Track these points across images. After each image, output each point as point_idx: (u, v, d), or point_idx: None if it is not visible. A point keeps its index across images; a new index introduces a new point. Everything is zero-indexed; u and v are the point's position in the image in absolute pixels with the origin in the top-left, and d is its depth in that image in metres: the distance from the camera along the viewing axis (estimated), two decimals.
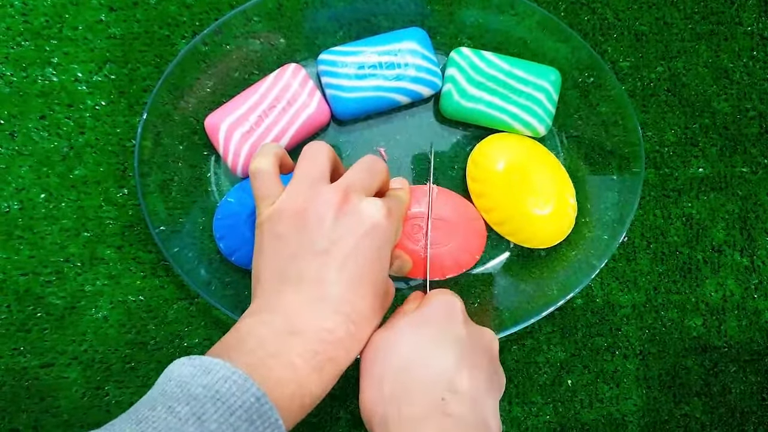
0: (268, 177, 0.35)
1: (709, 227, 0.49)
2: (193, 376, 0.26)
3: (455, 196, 0.45)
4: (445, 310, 0.34)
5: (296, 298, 0.31)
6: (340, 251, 0.31)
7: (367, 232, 0.32)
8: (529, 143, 0.46)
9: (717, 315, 0.49)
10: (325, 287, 0.31)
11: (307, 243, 0.32)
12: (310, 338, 0.30)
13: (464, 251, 0.45)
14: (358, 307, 0.32)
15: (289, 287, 0.31)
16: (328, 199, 0.32)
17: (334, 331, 0.31)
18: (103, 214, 0.46)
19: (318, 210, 0.32)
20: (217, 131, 0.43)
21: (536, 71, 0.46)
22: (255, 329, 0.30)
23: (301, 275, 0.31)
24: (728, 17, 0.51)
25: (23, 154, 0.45)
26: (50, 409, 0.44)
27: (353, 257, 0.32)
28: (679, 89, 0.50)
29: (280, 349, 0.29)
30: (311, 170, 0.34)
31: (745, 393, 0.48)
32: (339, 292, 0.31)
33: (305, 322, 0.30)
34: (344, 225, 0.32)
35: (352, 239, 0.32)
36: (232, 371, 0.26)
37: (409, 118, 0.48)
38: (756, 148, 0.50)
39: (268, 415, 0.26)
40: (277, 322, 0.30)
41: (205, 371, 0.26)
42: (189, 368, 0.27)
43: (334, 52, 0.45)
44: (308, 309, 0.31)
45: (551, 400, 0.47)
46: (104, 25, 0.47)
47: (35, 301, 0.44)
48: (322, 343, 0.30)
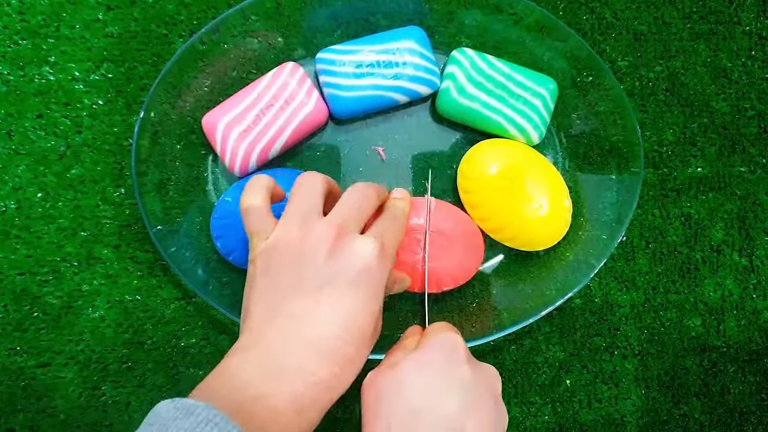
0: (259, 213, 0.35)
1: (708, 227, 0.49)
2: (175, 419, 0.26)
3: (454, 210, 0.45)
4: (449, 350, 0.33)
5: (282, 336, 0.31)
6: (331, 291, 0.31)
7: (358, 273, 0.32)
8: (520, 147, 0.46)
9: (716, 315, 0.48)
10: (312, 327, 0.31)
11: (298, 280, 0.32)
12: (294, 380, 0.30)
13: (461, 267, 0.44)
14: (345, 349, 0.31)
15: (277, 324, 0.31)
16: (321, 235, 0.32)
17: (318, 373, 0.30)
18: (100, 213, 0.45)
19: (311, 247, 0.32)
20: (214, 130, 0.43)
21: (535, 78, 0.46)
22: (240, 368, 0.30)
23: (290, 313, 0.31)
24: (727, 17, 0.51)
25: (20, 153, 0.45)
26: (47, 409, 0.43)
27: (345, 298, 0.31)
28: (677, 89, 0.50)
29: (263, 391, 0.29)
30: (304, 204, 0.34)
31: (744, 393, 0.48)
32: (327, 333, 0.31)
33: (290, 363, 0.30)
34: (337, 264, 0.32)
35: (343, 279, 0.32)
36: (214, 414, 0.26)
37: (407, 117, 0.48)
38: (755, 148, 0.50)
39: None
40: (262, 360, 0.30)
41: (187, 413, 0.26)
42: (172, 411, 0.26)
43: (332, 51, 0.45)
44: (294, 349, 0.30)
45: (550, 401, 0.46)
46: (101, 23, 0.47)
47: (32, 301, 0.44)
48: (305, 386, 0.30)
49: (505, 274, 0.47)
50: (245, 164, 0.43)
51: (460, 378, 0.32)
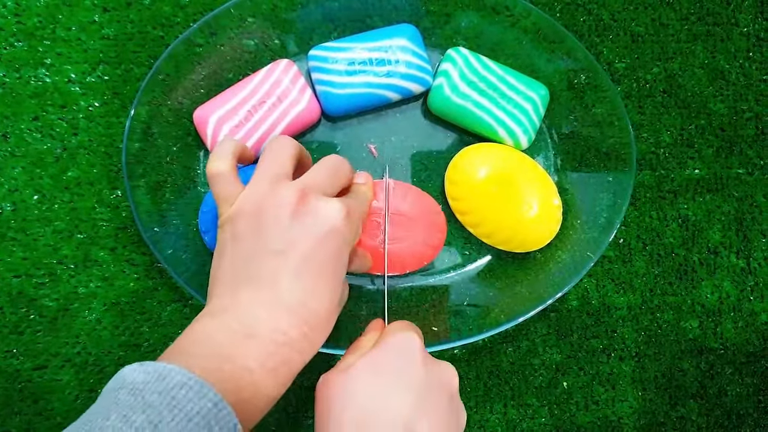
0: (226, 179, 0.34)
1: (705, 229, 0.49)
2: (147, 383, 0.26)
3: (414, 190, 0.45)
4: (403, 351, 0.33)
5: (251, 299, 0.31)
6: (296, 253, 0.31)
7: (325, 234, 0.32)
8: (504, 151, 0.46)
9: (713, 317, 0.48)
10: (280, 289, 0.31)
11: (263, 243, 0.31)
12: (265, 340, 0.30)
13: (424, 245, 0.44)
14: (314, 310, 0.31)
15: (245, 288, 0.31)
16: (285, 198, 0.32)
17: (288, 333, 0.30)
18: (96, 215, 0.45)
19: (275, 210, 0.32)
20: (205, 124, 0.43)
21: (528, 83, 0.46)
22: (210, 332, 0.30)
23: (257, 276, 0.31)
24: (724, 18, 0.51)
25: (16, 156, 0.45)
26: (43, 412, 0.43)
27: (310, 259, 0.31)
28: (675, 90, 0.50)
29: (235, 352, 0.29)
30: (271, 168, 0.34)
31: (741, 395, 0.48)
32: (294, 294, 0.31)
33: (260, 324, 0.30)
34: (301, 226, 0.32)
35: (308, 241, 0.31)
36: (188, 377, 0.26)
37: (400, 115, 0.48)
38: (752, 150, 0.50)
39: (227, 420, 0.26)
40: (232, 324, 0.30)
41: (160, 377, 0.26)
42: (142, 375, 0.26)
43: (324, 48, 0.45)
44: (263, 310, 0.30)
45: (547, 403, 0.46)
46: (98, 25, 0.47)
47: (28, 303, 0.44)
48: (276, 345, 0.30)
49: (500, 275, 0.47)
50: None
51: (414, 379, 0.32)
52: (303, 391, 0.45)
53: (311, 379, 0.45)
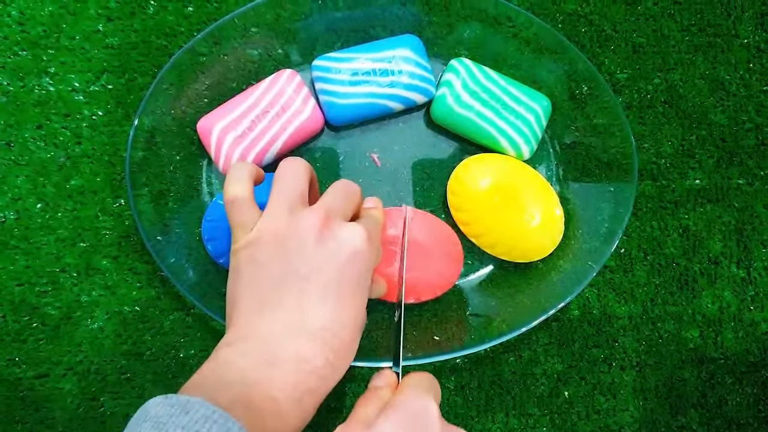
0: (244, 204, 0.34)
1: (706, 239, 0.49)
2: (171, 416, 0.25)
3: (432, 219, 0.45)
4: (421, 421, 0.31)
5: (275, 325, 0.31)
6: (320, 278, 0.31)
7: (348, 259, 0.32)
8: (506, 161, 0.46)
9: (714, 327, 0.49)
10: (304, 315, 0.31)
11: (287, 269, 0.31)
12: (289, 369, 0.29)
13: (439, 276, 0.44)
14: (337, 335, 0.31)
15: (268, 314, 0.31)
16: (309, 224, 0.32)
17: (312, 361, 0.30)
18: (99, 224, 0.45)
19: (299, 235, 0.32)
20: (209, 134, 0.43)
21: (530, 94, 0.46)
22: (233, 361, 0.29)
23: (281, 302, 0.31)
24: (725, 29, 0.51)
25: (20, 164, 0.45)
26: (45, 420, 0.43)
27: (334, 284, 0.31)
28: (676, 101, 0.51)
29: (259, 382, 0.29)
30: (289, 193, 0.34)
31: (742, 405, 0.48)
32: (318, 320, 0.31)
33: (283, 352, 0.30)
34: (325, 251, 0.32)
35: (333, 266, 0.31)
36: (212, 410, 0.25)
37: (402, 125, 0.48)
38: (752, 160, 0.50)
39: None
40: (256, 351, 0.30)
41: (183, 411, 0.25)
42: (166, 408, 0.26)
43: (328, 59, 0.45)
44: (287, 337, 0.30)
45: (548, 412, 0.47)
46: (101, 35, 0.47)
47: (31, 311, 0.44)
48: (301, 374, 0.30)
49: (502, 285, 0.47)
50: None
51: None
52: None
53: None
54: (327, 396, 0.32)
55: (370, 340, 0.44)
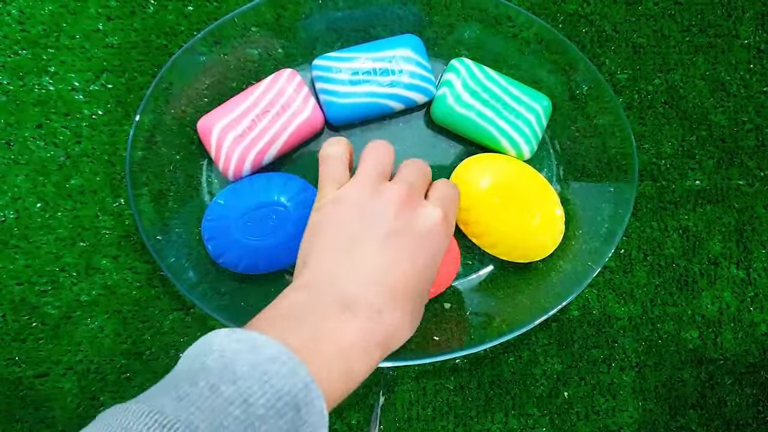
0: (338, 162, 0.36)
1: (706, 240, 0.49)
2: (239, 352, 0.24)
3: None
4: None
5: (350, 273, 0.31)
6: (400, 242, 0.32)
7: (425, 235, 0.33)
8: (506, 161, 0.46)
9: (713, 327, 0.49)
10: (379, 269, 0.31)
11: (367, 229, 0.32)
12: (362, 317, 0.29)
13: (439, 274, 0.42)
14: (409, 295, 0.32)
15: (344, 263, 0.31)
16: (393, 194, 0.33)
17: (383, 312, 0.30)
18: (99, 223, 0.45)
19: (382, 203, 0.33)
20: (209, 134, 0.43)
21: (531, 94, 0.46)
22: (304, 302, 0.29)
23: (357, 254, 0.31)
24: (725, 30, 0.51)
25: (19, 163, 0.45)
26: (45, 420, 0.43)
27: (411, 248, 0.32)
28: (676, 101, 0.51)
29: (331, 327, 0.28)
30: (377, 166, 0.36)
31: (741, 405, 0.48)
32: (393, 275, 0.31)
33: (357, 299, 0.30)
34: (406, 220, 0.33)
35: (412, 234, 0.32)
36: (282, 351, 0.25)
37: (403, 124, 0.48)
38: (753, 161, 0.50)
39: (315, 404, 0.25)
40: (328, 295, 0.29)
41: (252, 347, 0.25)
42: (233, 343, 0.25)
43: (328, 58, 0.45)
44: (361, 286, 0.30)
45: (548, 412, 0.47)
46: (102, 34, 0.47)
47: (30, 311, 0.44)
48: (372, 322, 0.29)
49: (503, 285, 0.47)
50: (239, 169, 0.44)
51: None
52: None
53: None
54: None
55: None
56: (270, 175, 0.45)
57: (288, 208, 0.43)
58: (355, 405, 0.45)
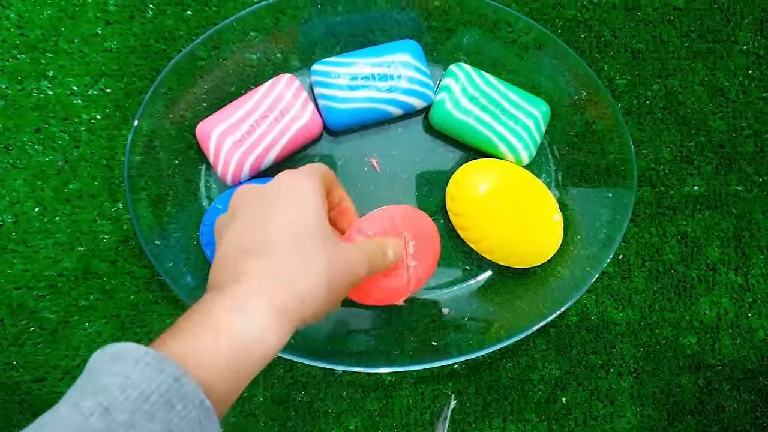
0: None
1: (704, 245, 0.49)
2: (102, 364, 0.24)
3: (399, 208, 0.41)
4: None
5: (242, 274, 0.29)
6: (255, 212, 0.31)
7: (287, 194, 0.32)
8: (505, 166, 0.46)
9: (711, 333, 0.49)
10: (271, 265, 0.30)
11: (251, 235, 0.31)
12: (252, 312, 0.28)
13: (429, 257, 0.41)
14: (299, 286, 0.30)
15: (241, 263, 0.30)
16: (270, 184, 0.33)
17: (280, 306, 0.29)
18: (97, 228, 0.45)
19: (250, 190, 0.33)
20: (208, 138, 0.43)
21: (529, 100, 0.46)
22: (200, 308, 0.28)
23: (229, 237, 0.31)
24: (724, 36, 0.51)
25: (18, 168, 0.45)
26: None
27: (291, 236, 0.31)
28: (675, 107, 0.51)
29: (222, 323, 0.27)
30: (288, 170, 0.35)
31: (739, 411, 0.48)
32: (263, 236, 0.30)
33: (249, 297, 0.28)
34: (267, 194, 0.32)
35: (284, 216, 0.31)
36: (145, 352, 0.24)
37: (401, 129, 0.48)
38: (751, 167, 0.50)
39: (191, 396, 0.24)
40: (219, 298, 0.28)
41: (116, 357, 0.24)
42: (100, 355, 0.24)
43: (327, 63, 0.45)
44: (252, 284, 0.29)
45: (546, 418, 0.47)
46: (100, 38, 0.47)
47: (28, 315, 0.44)
48: (267, 313, 0.28)
49: (501, 290, 0.47)
50: (237, 174, 0.44)
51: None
52: (303, 406, 0.45)
53: (309, 393, 0.45)
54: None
55: (367, 345, 0.44)
56: (266, 180, 0.45)
57: None
58: (352, 410, 0.45)
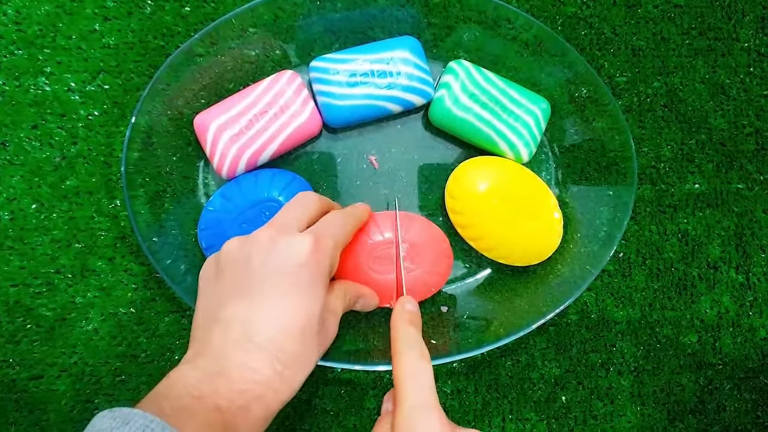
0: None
1: (705, 243, 0.49)
2: (112, 429, 0.26)
3: (419, 219, 0.44)
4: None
5: (224, 339, 0.31)
6: (265, 291, 0.32)
7: (291, 272, 0.32)
8: (504, 164, 0.46)
9: (712, 332, 0.48)
10: (250, 328, 0.31)
11: (237, 285, 0.32)
12: (235, 378, 0.30)
13: (433, 273, 0.43)
14: (286, 347, 0.31)
15: (216, 330, 0.31)
16: (256, 241, 0.33)
17: (260, 370, 0.30)
18: (94, 225, 0.45)
19: (247, 252, 0.33)
20: (205, 130, 0.43)
21: (529, 97, 0.46)
22: (183, 375, 0.30)
23: (229, 316, 0.32)
24: (725, 33, 0.51)
25: (15, 164, 0.45)
26: (39, 422, 0.43)
27: (278, 297, 0.32)
28: (675, 105, 0.50)
29: (205, 391, 0.29)
30: (283, 217, 0.36)
31: (740, 411, 0.48)
32: (264, 333, 0.31)
33: (231, 362, 0.30)
34: (270, 264, 0.32)
35: (275, 280, 0.32)
36: (150, 420, 0.26)
37: (401, 126, 0.48)
38: (752, 165, 0.50)
39: None
40: (206, 364, 0.30)
41: (124, 422, 0.26)
42: (108, 421, 0.26)
43: (326, 60, 0.45)
44: (234, 349, 0.30)
45: (545, 417, 0.46)
46: (98, 34, 0.47)
47: (25, 313, 0.44)
48: (247, 383, 0.30)
49: (500, 289, 0.47)
50: (233, 168, 0.43)
51: None
52: (301, 404, 0.45)
53: (308, 391, 0.45)
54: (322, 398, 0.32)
55: (366, 343, 0.44)
56: (256, 173, 0.44)
57: (281, 202, 0.43)
58: (351, 408, 0.45)
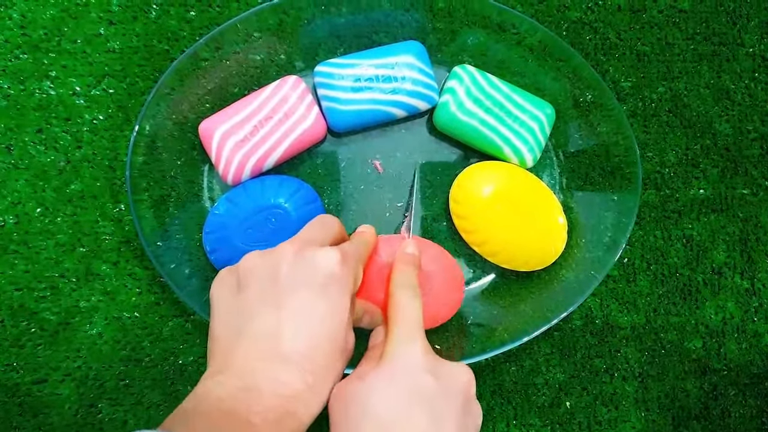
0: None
1: (710, 249, 0.49)
2: None
3: (431, 245, 0.44)
4: (410, 362, 0.32)
5: (252, 354, 0.31)
6: (294, 303, 0.31)
7: (321, 284, 0.32)
8: (509, 169, 0.46)
9: (717, 337, 0.48)
10: (280, 342, 0.31)
11: (262, 298, 0.32)
12: (266, 393, 0.29)
13: (442, 304, 0.43)
14: (316, 360, 0.31)
15: (244, 343, 0.31)
16: (282, 253, 0.33)
17: (291, 384, 0.30)
18: (99, 229, 0.45)
19: (273, 265, 0.33)
20: (211, 137, 0.43)
21: (534, 102, 0.46)
22: (211, 390, 0.30)
23: (256, 329, 0.31)
24: (730, 38, 0.51)
25: (19, 168, 0.45)
26: (43, 427, 0.43)
27: (307, 308, 0.31)
28: (680, 110, 0.50)
29: (235, 407, 0.28)
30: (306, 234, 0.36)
31: (745, 416, 0.48)
32: (294, 346, 0.31)
33: (260, 377, 0.30)
34: (298, 275, 0.32)
35: (305, 292, 0.32)
36: None
37: (405, 131, 0.48)
38: (757, 170, 0.50)
39: None
40: (232, 380, 0.30)
41: None
42: None
43: (330, 65, 0.45)
44: (263, 363, 0.30)
45: (549, 422, 0.46)
46: (103, 38, 0.47)
47: (29, 317, 0.44)
48: (278, 398, 0.29)
49: (505, 294, 0.47)
50: (239, 174, 0.43)
51: (425, 389, 0.32)
52: None
53: None
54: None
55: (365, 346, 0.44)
56: (263, 179, 0.44)
57: (287, 209, 0.43)
58: None
